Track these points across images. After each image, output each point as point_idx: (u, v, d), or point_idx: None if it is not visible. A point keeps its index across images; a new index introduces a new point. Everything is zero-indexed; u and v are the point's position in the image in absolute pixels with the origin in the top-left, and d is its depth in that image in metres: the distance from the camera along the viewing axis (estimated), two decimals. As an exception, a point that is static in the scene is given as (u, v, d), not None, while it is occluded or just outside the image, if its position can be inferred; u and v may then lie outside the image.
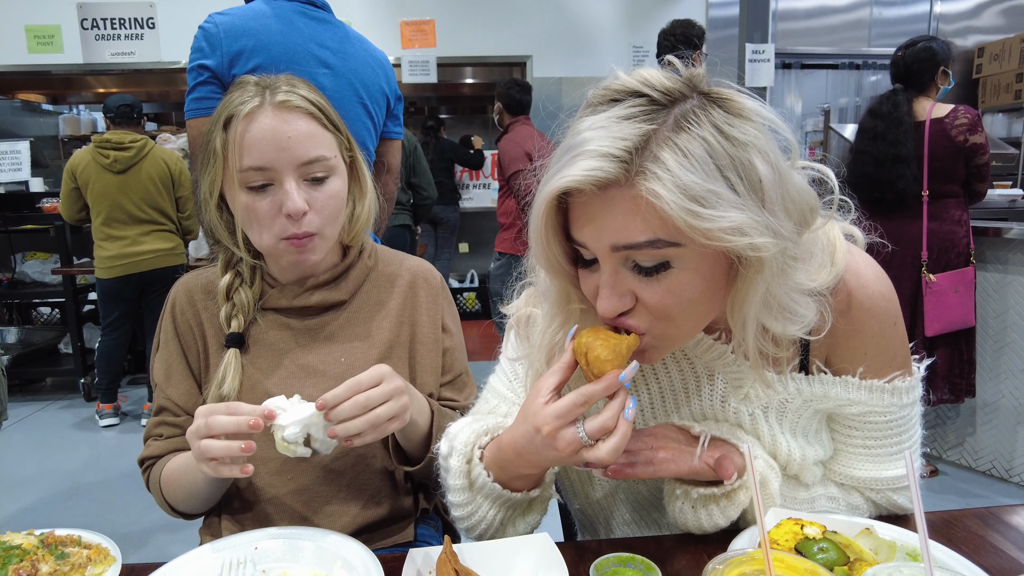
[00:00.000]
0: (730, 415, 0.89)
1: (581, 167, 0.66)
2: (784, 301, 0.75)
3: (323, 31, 1.85)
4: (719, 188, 0.65)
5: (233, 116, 0.96)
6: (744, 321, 0.74)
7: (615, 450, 0.71)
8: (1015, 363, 2.95)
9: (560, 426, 0.73)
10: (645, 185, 0.65)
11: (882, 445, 0.90)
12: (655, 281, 0.71)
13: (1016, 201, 4.28)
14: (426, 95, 8.67)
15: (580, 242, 0.73)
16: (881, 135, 2.77)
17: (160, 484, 1.04)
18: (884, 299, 0.87)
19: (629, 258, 0.71)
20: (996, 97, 5.67)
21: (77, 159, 3.62)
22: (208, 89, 1.73)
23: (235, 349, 1.06)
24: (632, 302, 0.73)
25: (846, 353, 0.87)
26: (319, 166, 0.99)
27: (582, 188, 0.68)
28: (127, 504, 2.99)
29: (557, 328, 0.85)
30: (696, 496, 0.84)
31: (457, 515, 0.89)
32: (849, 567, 0.72)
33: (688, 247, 0.68)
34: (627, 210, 0.67)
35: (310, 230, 0.99)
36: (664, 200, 0.64)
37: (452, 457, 0.89)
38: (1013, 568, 0.78)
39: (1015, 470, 2.99)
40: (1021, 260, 2.89)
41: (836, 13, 5.89)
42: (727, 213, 0.65)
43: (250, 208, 0.97)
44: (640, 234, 0.68)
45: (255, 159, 0.95)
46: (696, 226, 0.65)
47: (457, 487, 0.88)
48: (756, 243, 0.66)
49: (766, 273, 0.70)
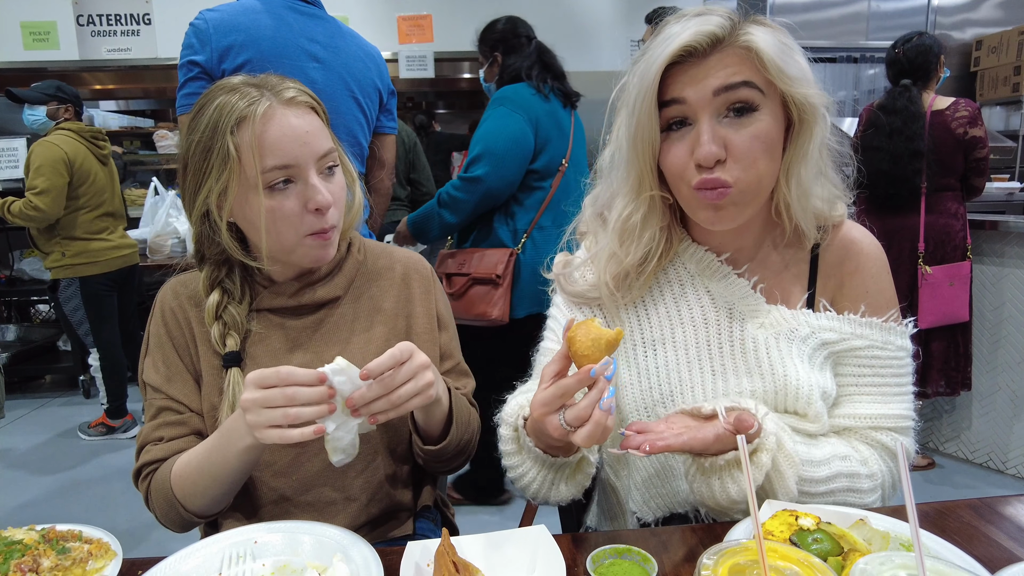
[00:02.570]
0: (748, 343, 0.99)
1: (693, 31, 0.86)
2: (823, 168, 0.96)
3: (314, 26, 1.86)
4: (788, 55, 0.88)
5: (245, 118, 0.93)
6: (798, 178, 0.93)
7: (588, 437, 0.77)
8: (1011, 356, 2.96)
9: (546, 413, 0.81)
10: (746, 39, 0.87)
11: (887, 383, 1.00)
12: (744, 126, 0.88)
13: (1014, 194, 4.29)
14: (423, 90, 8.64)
15: (681, 98, 0.89)
16: (898, 131, 2.76)
17: (171, 485, 0.97)
18: (878, 248, 1.05)
19: (724, 105, 0.88)
20: (994, 90, 5.67)
21: (70, 152, 3.29)
22: (199, 85, 1.74)
23: (236, 368, 1.03)
24: (724, 153, 0.88)
25: (850, 291, 1.02)
26: (331, 157, 1.00)
27: (696, 46, 0.87)
28: (127, 501, 3.00)
29: (631, 213, 0.99)
30: (722, 463, 0.87)
31: (512, 476, 0.99)
32: (843, 557, 0.73)
33: (768, 99, 0.89)
34: (728, 62, 0.87)
35: (333, 224, 1.00)
36: (762, 48, 0.86)
37: (502, 426, 1.00)
38: (1006, 558, 0.79)
39: (1011, 462, 3.01)
40: (1018, 253, 2.90)
41: (834, 6, 5.87)
42: (799, 68, 0.89)
43: (275, 209, 0.95)
44: (738, 76, 0.87)
45: (279, 158, 0.94)
46: (783, 71, 0.86)
47: (508, 451, 0.99)
48: (813, 93, 0.89)
49: (819, 124, 0.91)
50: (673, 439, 0.84)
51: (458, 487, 2.87)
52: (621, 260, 1.02)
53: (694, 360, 1.02)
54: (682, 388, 1.01)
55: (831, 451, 0.94)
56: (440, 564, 0.76)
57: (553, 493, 0.98)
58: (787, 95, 0.89)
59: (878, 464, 0.97)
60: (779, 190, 0.96)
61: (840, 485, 0.93)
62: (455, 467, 1.13)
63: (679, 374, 1.02)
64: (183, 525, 1.02)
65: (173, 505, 0.98)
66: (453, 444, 1.05)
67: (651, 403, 1.03)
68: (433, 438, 1.05)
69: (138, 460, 1.03)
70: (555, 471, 0.96)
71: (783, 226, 1.01)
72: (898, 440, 0.97)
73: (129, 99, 7.84)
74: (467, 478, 2.87)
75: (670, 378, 1.02)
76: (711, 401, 0.95)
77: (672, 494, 1.04)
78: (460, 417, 1.06)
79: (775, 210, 0.99)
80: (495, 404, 1.05)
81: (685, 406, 0.93)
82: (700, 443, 0.85)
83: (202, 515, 1.01)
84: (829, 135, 0.95)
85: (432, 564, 0.79)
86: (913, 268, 2.83)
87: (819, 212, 1.00)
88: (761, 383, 0.98)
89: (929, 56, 2.79)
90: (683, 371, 1.02)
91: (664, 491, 1.05)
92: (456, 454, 1.08)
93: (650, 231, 1.00)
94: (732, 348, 1.00)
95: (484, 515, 2.80)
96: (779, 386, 0.97)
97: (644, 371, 1.03)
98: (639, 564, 0.76)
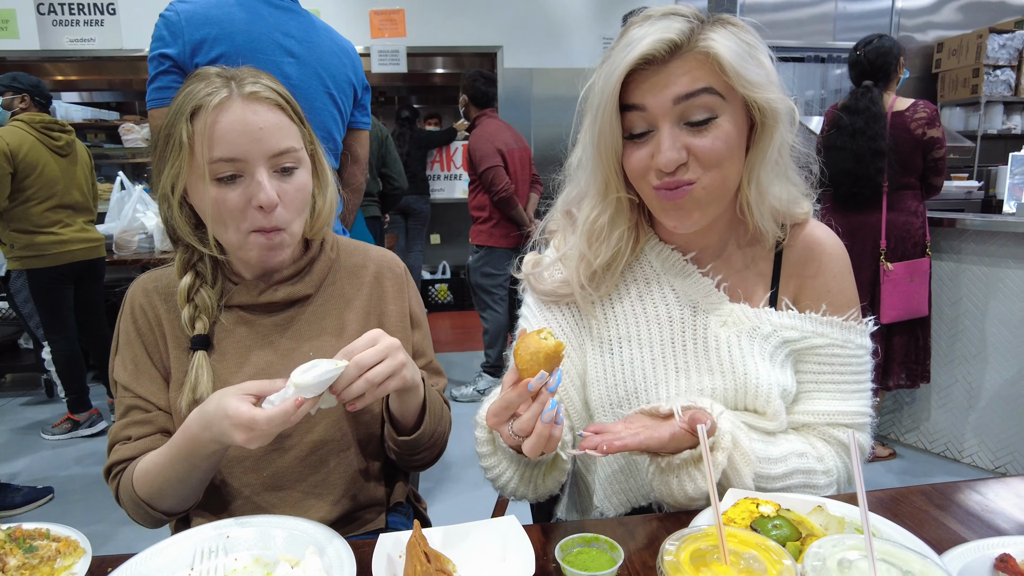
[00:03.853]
0: (711, 340, 1.02)
1: (652, 39, 0.87)
2: (785, 169, 0.99)
3: (288, 20, 1.83)
4: (749, 60, 0.89)
5: (201, 107, 0.95)
6: (758, 179, 0.95)
7: (533, 448, 0.81)
8: (968, 349, 3.06)
9: (497, 423, 0.85)
10: (704, 45, 0.87)
11: (846, 380, 1.03)
12: (705, 132, 0.90)
13: (972, 193, 4.43)
14: (396, 85, 8.58)
15: (641, 105, 0.91)
16: (860, 131, 2.84)
17: (135, 490, 0.98)
18: (841, 248, 1.07)
19: (684, 113, 0.89)
20: (954, 91, 5.83)
21: (13, 143, 3.19)
22: (170, 78, 1.70)
23: (203, 352, 1.04)
24: (686, 156, 0.90)
25: (812, 290, 1.04)
26: (289, 157, 0.99)
27: (655, 55, 0.88)
28: (95, 500, 2.95)
29: (598, 216, 1.02)
30: (678, 462, 0.89)
31: (490, 476, 1.01)
32: (801, 542, 0.76)
33: (728, 104, 0.90)
34: (687, 68, 0.88)
35: (280, 224, 0.99)
36: (720, 54, 0.86)
37: (477, 428, 1.01)
38: (952, 539, 0.82)
39: (966, 451, 3.11)
40: (975, 250, 3.00)
41: (802, 7, 5.98)
42: (758, 72, 0.89)
43: (220, 200, 0.96)
44: (698, 83, 0.88)
45: (226, 150, 0.94)
46: (742, 75, 0.87)
47: (484, 453, 1.00)
48: (775, 98, 0.90)
49: (780, 128, 0.92)
50: (630, 439, 0.85)
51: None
52: (591, 262, 1.04)
53: (659, 357, 1.04)
54: (647, 385, 1.03)
55: (788, 448, 0.97)
56: (412, 555, 0.77)
57: (531, 490, 1.00)
58: (747, 99, 0.91)
59: (834, 460, 1.00)
60: (742, 190, 0.98)
61: (796, 481, 0.96)
62: (427, 461, 1.14)
63: (644, 371, 1.04)
64: (154, 522, 1.03)
65: (140, 505, 0.99)
66: (427, 435, 1.06)
67: (616, 400, 1.05)
68: (407, 428, 1.06)
69: (109, 458, 1.04)
70: (531, 469, 0.98)
71: (747, 224, 1.03)
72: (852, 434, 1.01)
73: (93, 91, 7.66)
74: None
75: (635, 375, 1.04)
76: (673, 399, 0.98)
77: (635, 489, 1.06)
78: (433, 408, 1.07)
79: (739, 209, 1.02)
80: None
81: (645, 405, 0.95)
82: (656, 442, 0.86)
83: (172, 512, 1.01)
84: (792, 136, 0.97)
85: (404, 555, 0.80)
86: (875, 264, 2.91)
87: (778, 211, 1.02)
88: (722, 381, 1.00)
89: (889, 58, 2.87)
90: (648, 368, 1.04)
91: (627, 487, 1.07)
92: (429, 446, 1.10)
93: (618, 231, 1.02)
94: (696, 346, 1.03)
95: (456, 508, 2.82)
96: (739, 384, 0.99)
97: (610, 368, 1.05)
98: (606, 552, 0.78)
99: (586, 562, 0.76)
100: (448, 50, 6.04)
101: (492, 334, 4.11)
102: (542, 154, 5.16)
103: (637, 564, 0.82)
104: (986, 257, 2.96)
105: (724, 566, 0.67)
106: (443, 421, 1.12)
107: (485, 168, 3.73)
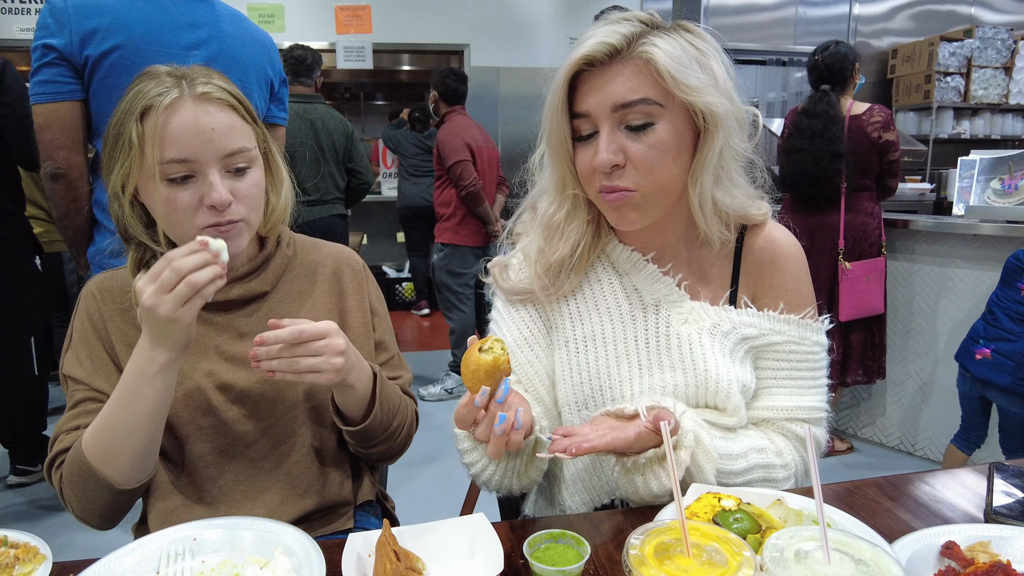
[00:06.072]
0: (672, 338, 1.04)
1: (593, 42, 0.90)
2: (728, 173, 0.99)
3: (195, 9, 1.70)
4: (693, 66, 0.91)
5: (151, 107, 0.93)
6: (702, 187, 0.96)
7: (493, 455, 0.84)
8: (920, 346, 3.17)
9: (463, 428, 0.87)
10: (644, 50, 0.90)
11: (803, 376, 1.06)
12: (642, 138, 0.92)
13: (925, 195, 4.58)
14: (362, 81, 8.51)
15: (585, 112, 0.94)
16: (819, 133, 2.91)
17: (84, 453, 0.92)
18: (798, 248, 1.10)
19: (624, 118, 0.92)
20: (908, 96, 6.03)
21: None
22: (55, 71, 1.58)
23: None
24: (623, 159, 0.93)
25: (770, 289, 1.07)
26: (241, 157, 0.98)
27: (596, 57, 0.91)
28: (52, 505, 2.86)
29: (555, 211, 1.05)
30: (643, 461, 0.91)
31: (472, 473, 1.04)
32: (761, 534, 0.79)
33: (668, 110, 0.92)
34: (626, 76, 0.91)
35: (235, 217, 0.98)
36: (658, 60, 0.89)
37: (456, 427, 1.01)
38: (903, 528, 0.86)
39: (919, 444, 3.23)
40: (927, 251, 3.11)
41: (764, 11, 6.12)
42: (700, 77, 0.91)
43: (171, 200, 0.95)
44: (635, 94, 0.90)
45: (177, 151, 0.93)
46: (680, 81, 0.89)
47: (465, 449, 1.04)
48: (715, 102, 0.91)
49: (720, 133, 0.93)
50: (597, 440, 0.86)
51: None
52: (549, 257, 1.06)
53: (622, 356, 1.06)
54: (611, 383, 1.05)
55: (748, 444, 1.00)
56: (381, 554, 0.78)
57: (516, 480, 1.02)
58: (687, 104, 0.92)
59: (791, 454, 1.04)
60: (688, 193, 0.99)
61: (756, 476, 0.99)
62: (388, 455, 1.15)
63: (608, 369, 1.06)
64: (103, 510, 0.96)
65: (88, 478, 0.92)
66: (378, 427, 1.06)
67: (582, 399, 1.07)
68: (354, 420, 1.06)
69: (51, 450, 0.99)
70: (512, 460, 1.00)
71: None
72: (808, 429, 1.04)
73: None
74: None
75: (599, 373, 1.06)
76: (636, 397, 1.00)
77: (600, 486, 1.09)
78: (386, 403, 1.07)
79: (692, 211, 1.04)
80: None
81: (611, 407, 0.97)
82: (623, 443, 0.88)
83: (123, 484, 0.94)
84: (742, 141, 0.99)
85: (373, 554, 0.81)
86: (834, 263, 2.99)
87: (726, 214, 1.03)
88: (683, 378, 1.03)
89: (845, 63, 2.96)
90: (612, 366, 1.06)
91: (592, 484, 1.09)
92: (383, 439, 1.10)
93: (574, 225, 1.05)
94: (658, 344, 1.05)
95: (425, 507, 2.82)
96: (700, 380, 1.02)
97: (576, 367, 1.07)
98: (573, 547, 0.79)
99: (554, 557, 0.78)
100: (415, 47, 6.01)
101: (458, 334, 4.09)
102: (508, 152, 5.17)
103: (603, 558, 0.83)
104: (938, 257, 3.07)
105: (687, 559, 0.69)
106: (401, 415, 1.13)
107: (454, 162, 3.71)
